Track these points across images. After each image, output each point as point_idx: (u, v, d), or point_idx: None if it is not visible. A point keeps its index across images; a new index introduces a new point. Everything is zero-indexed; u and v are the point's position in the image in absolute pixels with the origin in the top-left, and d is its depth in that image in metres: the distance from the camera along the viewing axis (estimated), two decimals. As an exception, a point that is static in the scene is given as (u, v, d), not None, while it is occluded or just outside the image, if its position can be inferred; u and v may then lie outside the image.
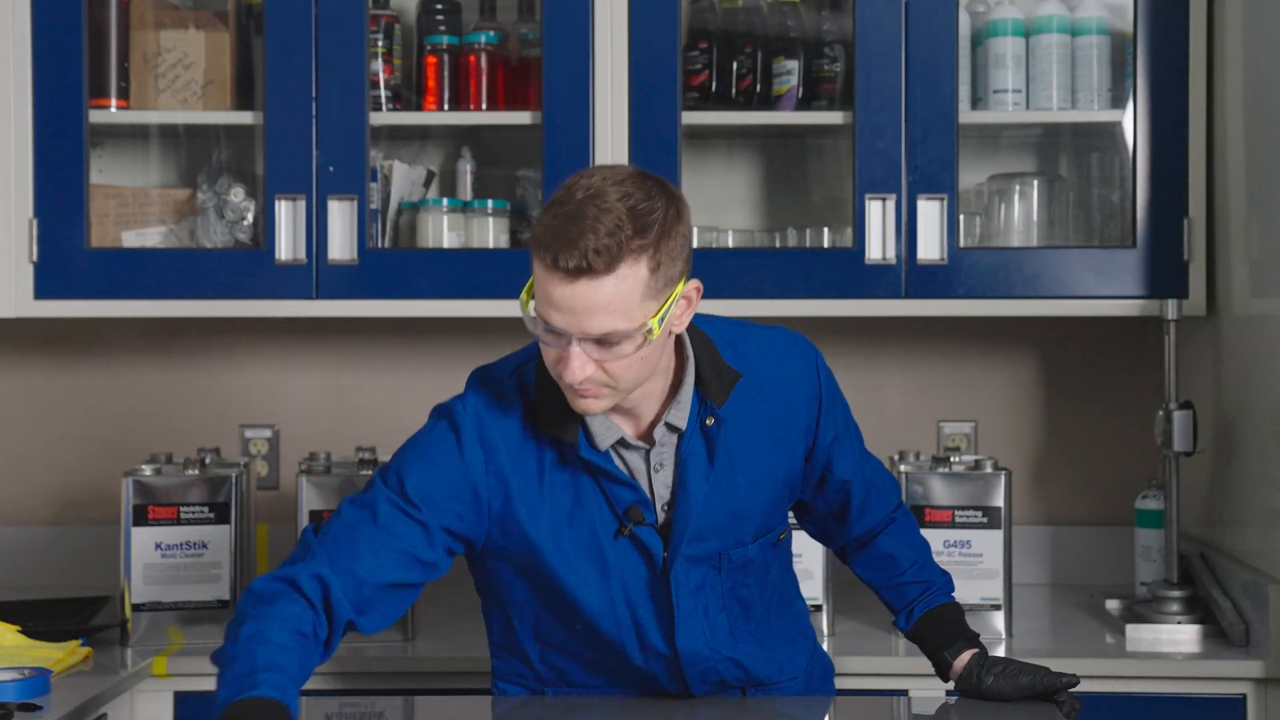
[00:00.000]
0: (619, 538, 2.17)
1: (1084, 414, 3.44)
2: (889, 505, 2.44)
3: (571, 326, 2.00)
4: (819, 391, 2.27)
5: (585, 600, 2.20)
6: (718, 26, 3.20)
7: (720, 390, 2.16)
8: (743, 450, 2.21)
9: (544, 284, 2.01)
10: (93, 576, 3.33)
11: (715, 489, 2.19)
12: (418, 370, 3.47)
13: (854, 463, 2.36)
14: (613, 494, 2.16)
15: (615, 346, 2.01)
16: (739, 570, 2.26)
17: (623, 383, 2.05)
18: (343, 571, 2.09)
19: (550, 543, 2.16)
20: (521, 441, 2.16)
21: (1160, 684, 2.75)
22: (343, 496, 2.83)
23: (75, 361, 3.48)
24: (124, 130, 3.28)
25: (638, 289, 1.99)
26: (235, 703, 1.98)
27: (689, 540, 2.19)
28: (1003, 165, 3.33)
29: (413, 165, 3.29)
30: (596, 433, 2.13)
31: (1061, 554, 3.41)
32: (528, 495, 2.15)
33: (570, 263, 1.96)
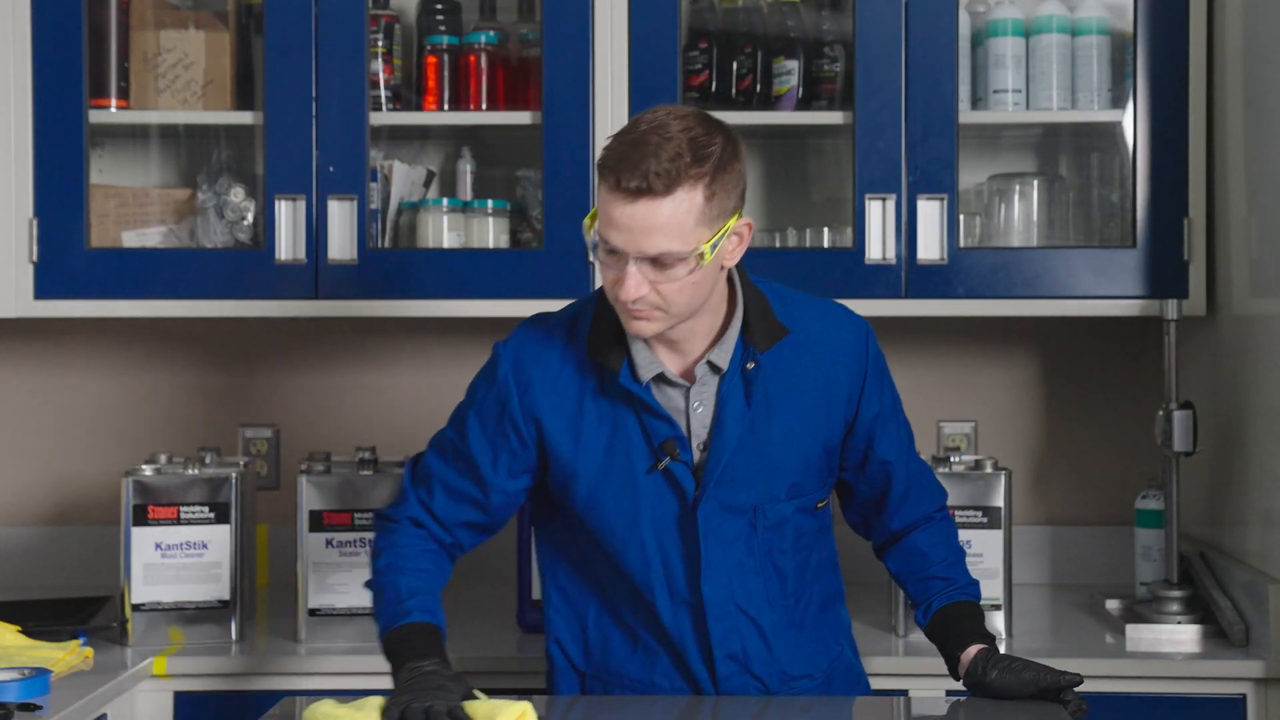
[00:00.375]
0: (653, 472, 2.26)
1: (1084, 414, 3.44)
2: (930, 505, 2.47)
3: (629, 246, 2.11)
4: (865, 363, 2.34)
5: (617, 535, 2.29)
6: (718, 26, 3.20)
7: (765, 338, 2.26)
8: (781, 400, 2.28)
9: (606, 205, 2.13)
10: (93, 576, 3.33)
11: (750, 433, 2.26)
12: (418, 370, 3.47)
13: (897, 447, 2.41)
14: (650, 427, 2.25)
15: (669, 269, 2.12)
16: (774, 531, 2.31)
17: (674, 306, 2.16)
18: (428, 511, 2.35)
19: (586, 471, 2.27)
20: (562, 373, 2.28)
21: (1160, 684, 2.75)
22: (343, 497, 2.85)
23: (75, 361, 3.48)
24: (124, 130, 3.28)
25: (693, 214, 2.11)
26: (392, 631, 2.25)
27: (720, 482, 2.26)
28: (1003, 165, 3.33)
29: (413, 165, 3.30)
30: (639, 364, 2.24)
31: (1061, 554, 3.41)
32: (565, 425, 2.27)
33: (632, 183, 2.09)
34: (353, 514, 2.86)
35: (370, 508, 2.85)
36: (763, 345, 2.26)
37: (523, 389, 2.29)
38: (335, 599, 2.85)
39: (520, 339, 2.33)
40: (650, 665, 2.35)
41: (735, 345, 2.26)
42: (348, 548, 2.86)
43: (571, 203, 3.06)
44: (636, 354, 2.24)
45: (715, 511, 2.28)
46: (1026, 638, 2.92)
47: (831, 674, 2.43)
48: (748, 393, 2.27)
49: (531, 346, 2.31)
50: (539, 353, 2.30)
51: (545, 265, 3.07)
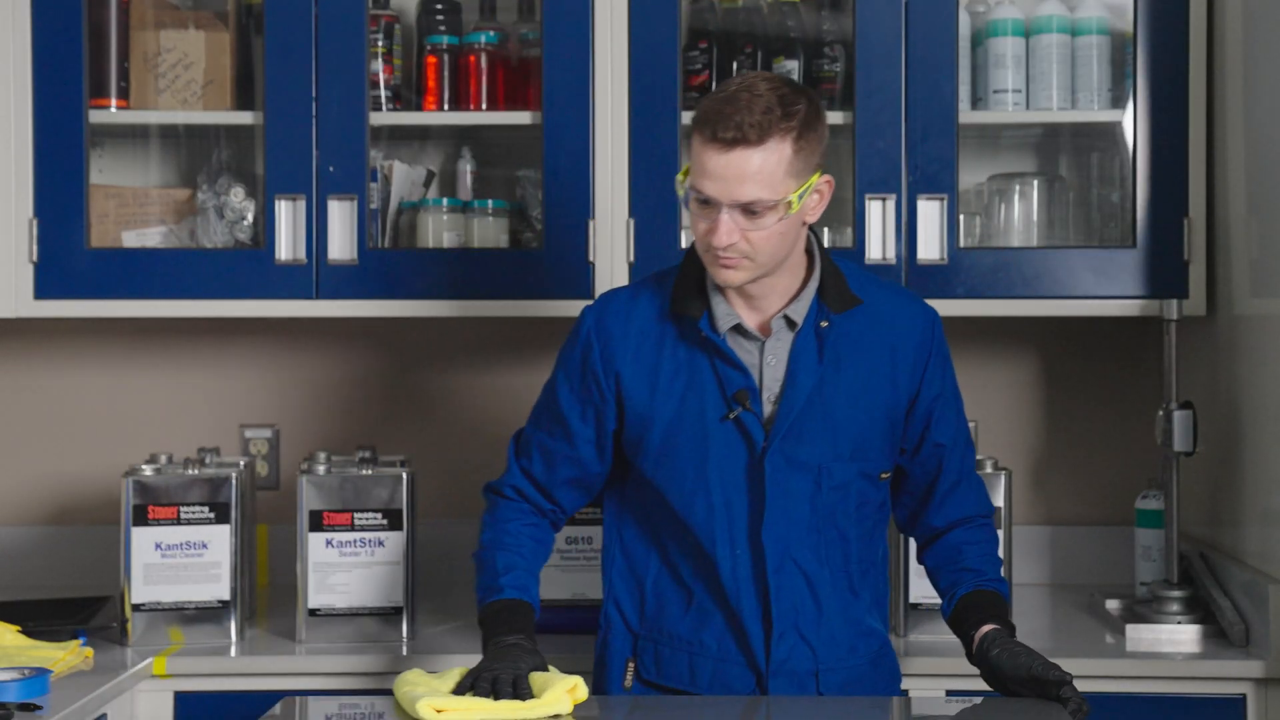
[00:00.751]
0: (725, 421, 2.36)
1: (1084, 414, 3.44)
2: (974, 509, 2.53)
3: (723, 194, 2.26)
4: (931, 344, 2.46)
5: (685, 484, 2.39)
6: (718, 26, 3.20)
7: (838, 301, 2.39)
8: (850, 362, 2.39)
9: (701, 157, 2.27)
10: (93, 576, 3.33)
11: (819, 389, 2.37)
12: (417, 370, 3.47)
13: (952, 435, 2.49)
14: (725, 376, 2.37)
15: (759, 217, 2.27)
16: (838, 494, 2.40)
17: (761, 254, 2.29)
18: (529, 478, 2.51)
19: (661, 418, 2.39)
20: (643, 328, 2.42)
21: (1160, 684, 2.75)
22: (343, 497, 2.85)
23: (75, 361, 3.48)
24: (124, 130, 3.28)
25: (782, 164, 2.26)
26: (485, 606, 2.40)
27: (788, 436, 2.36)
28: (1003, 165, 3.33)
29: (413, 165, 3.30)
30: (718, 315, 2.37)
31: (1061, 554, 3.41)
32: (643, 376, 2.40)
33: (727, 134, 2.24)
34: (353, 514, 2.86)
35: (370, 508, 2.86)
36: (836, 307, 2.38)
37: (604, 343, 2.42)
38: (335, 599, 2.85)
39: (604, 299, 2.49)
40: (701, 625, 2.41)
41: (811, 305, 2.38)
42: (347, 548, 2.86)
43: (571, 203, 3.06)
44: (716, 306, 2.38)
45: (781, 465, 2.37)
46: (1027, 638, 2.89)
47: (879, 660, 2.48)
48: (820, 350, 2.38)
49: (614, 304, 2.46)
50: (621, 309, 2.44)
51: (545, 265, 3.07)
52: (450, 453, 3.43)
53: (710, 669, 2.41)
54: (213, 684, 2.77)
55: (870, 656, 2.47)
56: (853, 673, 2.44)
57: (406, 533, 2.87)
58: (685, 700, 2.42)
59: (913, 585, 2.90)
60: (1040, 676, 2.28)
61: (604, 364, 2.42)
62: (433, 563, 3.31)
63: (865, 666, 2.46)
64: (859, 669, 2.45)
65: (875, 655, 2.48)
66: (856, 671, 2.45)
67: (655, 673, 2.44)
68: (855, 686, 2.44)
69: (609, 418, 2.44)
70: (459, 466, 3.43)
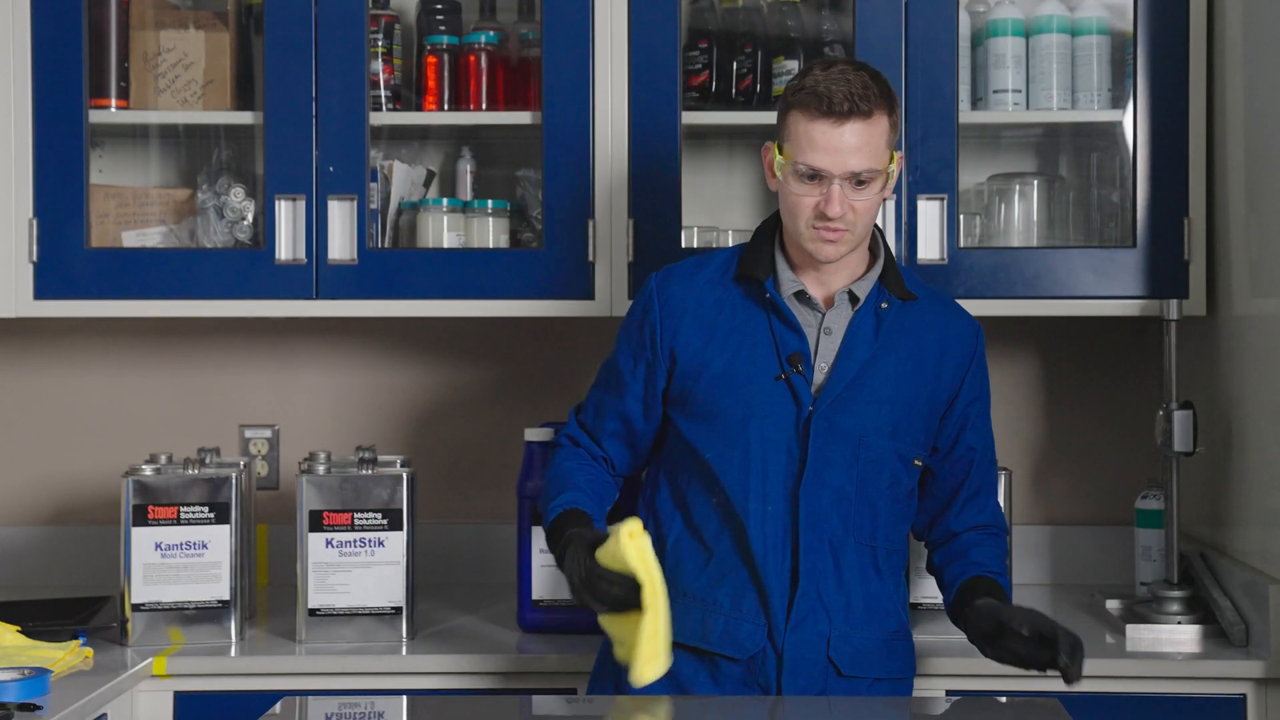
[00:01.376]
0: (778, 380, 2.46)
1: (1084, 414, 3.44)
2: (993, 518, 2.60)
3: (836, 166, 2.39)
4: (973, 352, 2.57)
5: (726, 439, 2.47)
6: (718, 26, 3.20)
7: (899, 290, 2.52)
8: (902, 346, 2.51)
9: (810, 134, 2.40)
10: (93, 576, 3.33)
11: (871, 364, 2.48)
12: (417, 370, 3.47)
13: (984, 441, 2.59)
14: (781, 338, 2.48)
15: (866, 186, 2.42)
16: (874, 467, 2.48)
17: (861, 223, 2.43)
18: (582, 427, 2.65)
19: (711, 368, 2.49)
20: (705, 291, 2.53)
21: (1160, 684, 2.75)
22: (343, 497, 2.85)
23: (75, 361, 3.48)
24: (124, 130, 3.28)
25: (884, 135, 2.43)
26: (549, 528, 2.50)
27: (836, 403, 2.45)
28: (1003, 165, 3.33)
29: (413, 165, 3.29)
30: (783, 280, 2.50)
31: (1061, 554, 3.41)
32: (700, 328, 2.51)
33: (843, 107, 2.38)
34: (353, 514, 2.86)
35: (370, 508, 2.86)
36: (896, 293, 2.51)
37: (664, 301, 2.54)
38: (335, 599, 2.85)
39: (669, 266, 2.61)
40: (717, 583, 2.47)
41: (874, 286, 2.51)
42: (347, 548, 2.86)
43: (571, 203, 3.06)
44: (782, 273, 2.50)
45: (824, 430, 2.45)
46: (1026, 638, 2.92)
47: (893, 643, 2.51)
48: (877, 328, 2.50)
49: (680, 270, 2.58)
50: (686, 274, 2.56)
51: (545, 265, 3.07)
52: (450, 453, 3.43)
53: (722, 625, 2.46)
54: (213, 684, 2.78)
55: (884, 635, 2.50)
56: (864, 646, 2.48)
57: (406, 533, 2.87)
58: (687, 700, 2.43)
59: (914, 585, 2.90)
60: (1048, 634, 2.32)
61: (662, 321, 2.53)
62: (433, 563, 3.31)
63: (878, 644, 2.49)
64: (871, 644, 2.48)
65: (890, 636, 2.51)
66: (868, 646, 2.48)
67: (674, 632, 2.44)
68: (865, 662, 2.47)
69: (660, 375, 2.53)
70: (459, 466, 3.43)
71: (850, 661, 2.46)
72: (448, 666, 2.78)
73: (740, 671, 2.46)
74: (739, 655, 2.45)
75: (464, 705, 2.61)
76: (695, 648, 2.47)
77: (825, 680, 2.46)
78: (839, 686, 2.46)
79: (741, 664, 2.46)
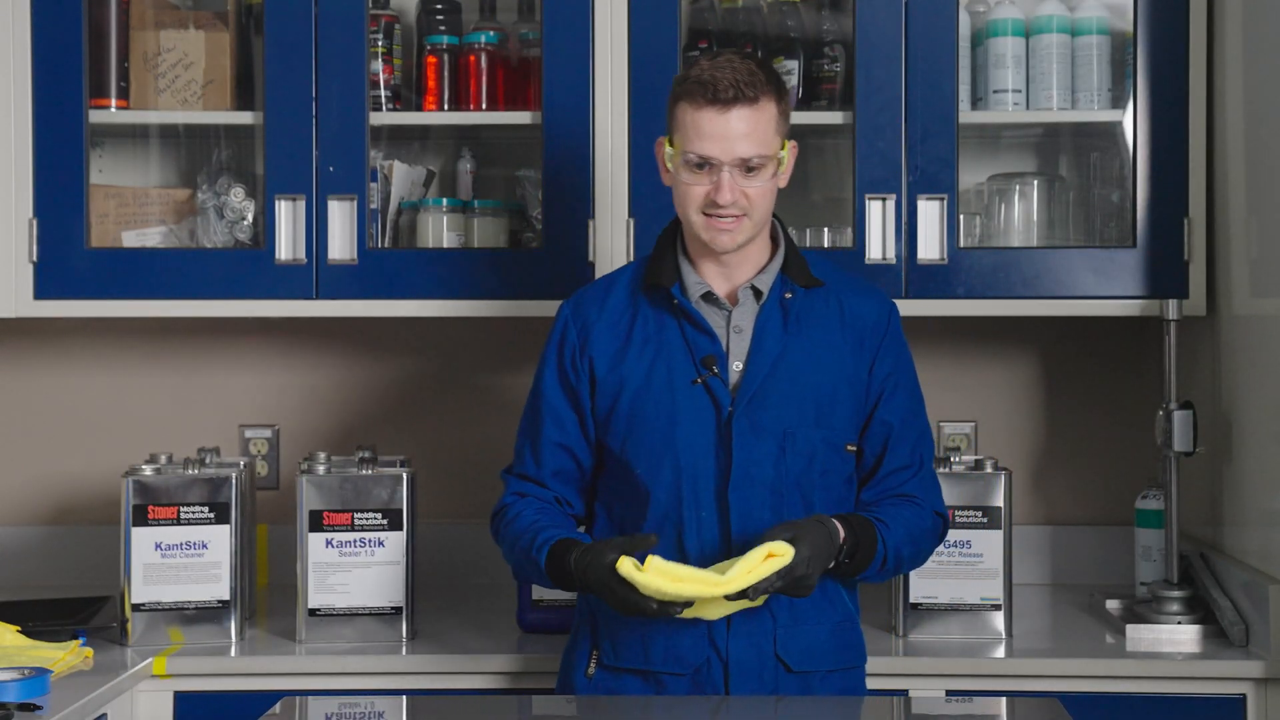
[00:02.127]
0: (694, 385, 2.46)
1: (1084, 414, 3.44)
2: (920, 493, 2.53)
3: (724, 153, 2.40)
4: (886, 327, 2.55)
5: (654, 452, 2.46)
6: (718, 26, 3.20)
7: (801, 276, 2.51)
8: (812, 332, 2.50)
9: (697, 124, 2.41)
10: (93, 576, 3.33)
11: (783, 356, 2.47)
12: (417, 370, 3.47)
13: (901, 417, 2.54)
14: (693, 342, 2.48)
15: (756, 173, 2.42)
16: (803, 460, 2.46)
17: (756, 210, 2.43)
18: (524, 479, 2.58)
19: (630, 384, 2.48)
20: (617, 308, 2.54)
21: (1160, 684, 2.75)
22: (343, 497, 2.85)
23: (75, 361, 3.48)
24: (124, 130, 3.28)
25: (772, 122, 2.43)
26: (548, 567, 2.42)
27: (754, 400, 2.44)
28: (1003, 165, 3.33)
29: (413, 165, 3.29)
30: (689, 284, 2.49)
31: (1061, 554, 3.41)
32: (615, 350, 2.51)
33: (727, 94, 2.39)
34: (353, 514, 2.86)
35: (370, 508, 2.86)
36: (799, 281, 2.50)
37: (580, 325, 2.54)
38: (335, 599, 2.85)
39: (581, 290, 2.62)
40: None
41: (776, 278, 2.50)
42: (348, 548, 2.86)
43: (571, 203, 3.06)
44: (687, 276, 2.50)
45: (746, 429, 2.44)
46: (1026, 638, 2.92)
47: (840, 633, 2.49)
48: (784, 319, 2.49)
49: (589, 293, 2.59)
50: (595, 296, 2.57)
51: (545, 265, 3.07)
52: (450, 453, 3.43)
53: (662, 642, 2.44)
54: (213, 684, 2.78)
55: (831, 627, 2.48)
56: (812, 639, 2.46)
57: (406, 533, 2.87)
58: (690, 700, 2.42)
59: (913, 585, 2.90)
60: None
61: (580, 345, 2.52)
62: (433, 563, 3.31)
63: (825, 636, 2.47)
64: (818, 637, 2.46)
65: (836, 626, 2.49)
66: (816, 638, 2.46)
67: (613, 656, 2.48)
68: (815, 655, 2.46)
69: (585, 397, 2.52)
70: (459, 467, 3.43)
71: (800, 657, 2.44)
72: (448, 666, 2.78)
73: (686, 685, 2.44)
74: (683, 670, 2.44)
75: (464, 705, 2.61)
76: (637, 669, 2.46)
77: (776, 680, 2.43)
78: (790, 683, 2.44)
79: (687, 677, 2.44)
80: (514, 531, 2.51)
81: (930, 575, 2.88)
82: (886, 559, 2.46)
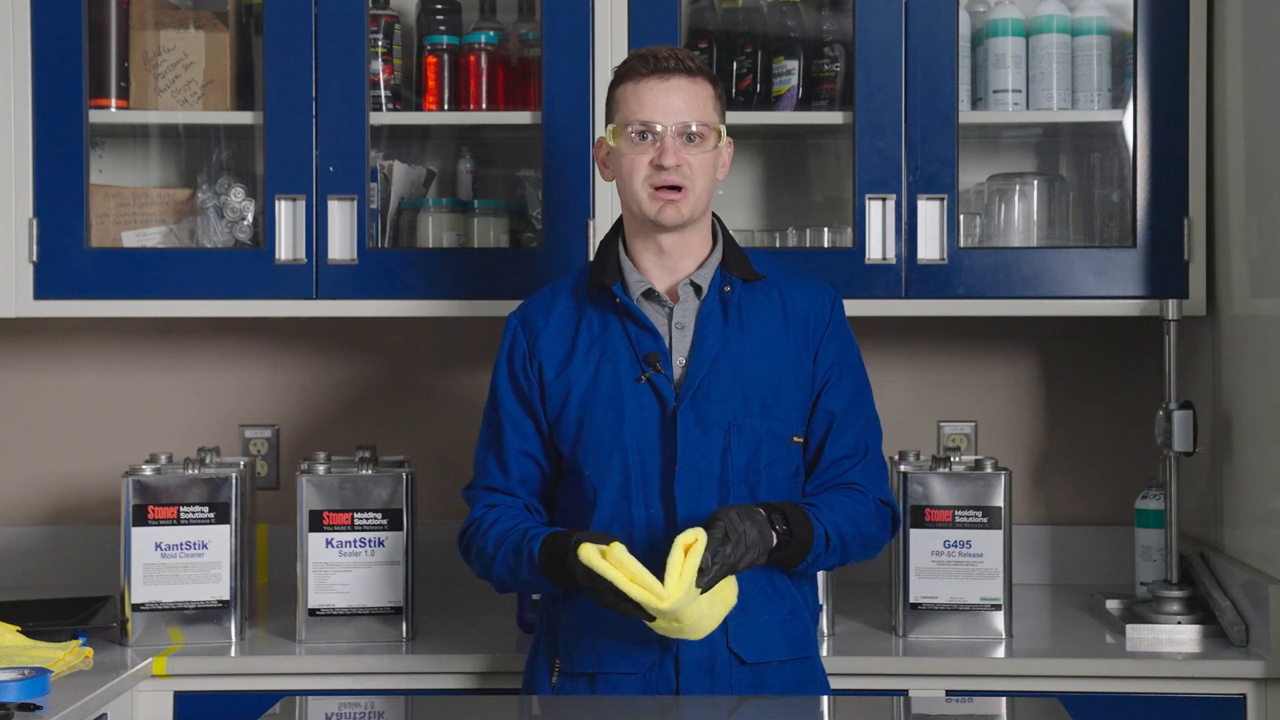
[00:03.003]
0: (639, 383, 2.47)
1: (1084, 414, 3.44)
2: (864, 481, 2.52)
3: (666, 118, 2.45)
4: (828, 317, 2.56)
5: (602, 448, 2.47)
6: (718, 26, 3.20)
7: (741, 270, 2.53)
8: (754, 325, 2.51)
9: (638, 94, 2.47)
10: (93, 576, 3.33)
11: (725, 349, 2.49)
12: (417, 370, 3.47)
13: (844, 406, 2.54)
14: (636, 341, 2.49)
15: (696, 145, 2.47)
16: (749, 452, 2.47)
17: (697, 183, 2.47)
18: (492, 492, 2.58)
19: (577, 385, 2.50)
20: (563, 315, 2.55)
21: (1160, 684, 2.75)
22: (343, 497, 2.85)
23: (75, 361, 3.48)
24: (124, 130, 3.28)
25: (710, 101, 2.50)
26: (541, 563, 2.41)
27: (698, 395, 2.46)
28: (1003, 165, 3.33)
29: (413, 165, 3.29)
30: (630, 283, 2.51)
31: (1061, 554, 3.41)
32: (561, 352, 2.53)
33: (669, 63, 2.46)
34: (353, 514, 2.86)
35: (370, 508, 2.86)
36: (739, 274, 2.52)
37: (528, 334, 2.56)
38: (335, 599, 2.85)
39: (527, 301, 2.63)
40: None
41: (715, 273, 2.52)
42: (347, 548, 2.86)
43: (571, 203, 3.06)
44: (628, 274, 2.52)
45: (692, 423, 2.46)
46: (1026, 638, 2.92)
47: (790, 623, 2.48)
48: (725, 313, 2.51)
49: (535, 302, 2.60)
50: (541, 304, 2.59)
51: (545, 265, 3.07)
52: (450, 453, 3.43)
53: (613, 644, 2.44)
54: (213, 684, 2.78)
55: (780, 616, 2.47)
56: (763, 631, 2.45)
57: (406, 533, 2.87)
58: (693, 700, 2.42)
59: (913, 585, 2.90)
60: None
61: (529, 353, 2.55)
62: (433, 563, 3.31)
63: (776, 627, 2.46)
64: (769, 628, 2.46)
65: (787, 615, 2.48)
66: (766, 630, 2.45)
67: (570, 663, 2.48)
68: (768, 645, 2.45)
69: (539, 404, 2.54)
70: (459, 466, 3.42)
71: (754, 648, 2.44)
72: (448, 666, 2.78)
73: (638, 684, 2.43)
74: (635, 669, 2.44)
75: (464, 705, 2.61)
76: (589, 673, 2.46)
77: (730, 674, 2.43)
78: (744, 677, 2.43)
79: (639, 676, 2.44)
80: (495, 535, 2.50)
81: (930, 575, 2.88)
82: (829, 537, 2.44)
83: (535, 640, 2.57)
